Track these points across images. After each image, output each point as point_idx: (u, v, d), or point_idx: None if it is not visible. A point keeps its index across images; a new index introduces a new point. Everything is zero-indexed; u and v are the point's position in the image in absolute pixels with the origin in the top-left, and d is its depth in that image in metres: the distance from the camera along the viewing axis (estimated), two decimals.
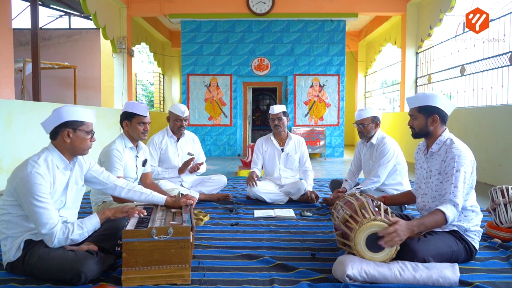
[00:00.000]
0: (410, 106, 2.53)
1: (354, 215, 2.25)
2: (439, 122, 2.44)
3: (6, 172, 4.92)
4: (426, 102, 2.44)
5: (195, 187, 4.31)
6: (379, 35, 11.39)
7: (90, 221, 2.24)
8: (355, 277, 2.06)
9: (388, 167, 3.61)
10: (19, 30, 11.14)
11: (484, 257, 2.50)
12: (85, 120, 2.27)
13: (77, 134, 2.24)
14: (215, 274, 2.25)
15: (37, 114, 5.53)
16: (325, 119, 9.65)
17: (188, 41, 9.55)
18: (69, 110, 2.24)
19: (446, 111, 2.45)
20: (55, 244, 2.11)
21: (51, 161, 2.21)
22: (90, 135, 2.30)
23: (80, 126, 2.25)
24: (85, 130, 2.27)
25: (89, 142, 2.30)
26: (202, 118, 9.72)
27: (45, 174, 2.13)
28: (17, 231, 2.17)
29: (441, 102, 2.42)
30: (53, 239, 2.09)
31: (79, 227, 2.18)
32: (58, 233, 2.10)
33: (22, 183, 2.07)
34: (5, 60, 5.39)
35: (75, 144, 2.25)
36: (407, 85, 9.26)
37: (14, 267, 2.19)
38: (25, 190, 2.06)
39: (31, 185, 2.06)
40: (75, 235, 2.15)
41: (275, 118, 4.25)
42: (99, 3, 8.04)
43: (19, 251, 2.16)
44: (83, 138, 2.26)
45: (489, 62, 6.20)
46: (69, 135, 2.23)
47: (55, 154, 2.24)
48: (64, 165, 2.27)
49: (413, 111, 2.52)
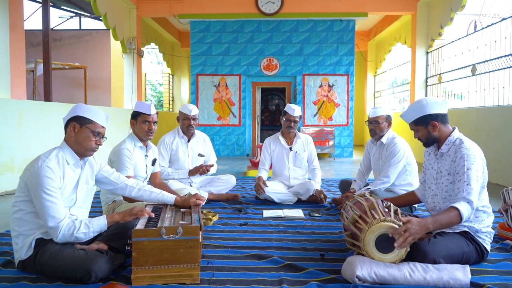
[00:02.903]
0: (406, 122, 2.53)
1: (364, 215, 2.24)
2: (440, 126, 2.43)
3: (18, 171, 4.99)
4: (418, 114, 2.43)
5: (204, 187, 4.32)
6: (389, 35, 11.31)
7: (98, 222, 2.26)
8: (365, 278, 2.04)
9: (398, 168, 3.58)
10: (31, 31, 11.27)
11: (496, 259, 2.46)
12: (94, 119, 2.30)
13: (82, 130, 2.27)
14: (224, 274, 2.25)
15: (48, 114, 5.60)
16: (334, 119, 9.61)
17: (197, 41, 9.58)
18: (83, 107, 2.30)
19: (441, 112, 2.42)
20: (59, 239, 2.13)
21: (62, 157, 2.24)
22: (96, 136, 2.30)
23: (87, 124, 2.28)
24: (91, 129, 2.28)
25: (93, 143, 2.29)
26: (211, 118, 9.75)
27: (55, 168, 2.16)
28: (28, 228, 2.20)
29: (431, 107, 2.40)
30: (58, 233, 2.11)
31: (86, 226, 2.20)
32: (64, 228, 2.12)
33: (32, 176, 2.12)
34: (17, 61, 5.46)
35: (78, 140, 2.27)
36: (417, 85, 9.18)
37: (26, 265, 2.22)
38: (35, 183, 2.10)
39: (41, 178, 2.10)
40: (81, 233, 2.17)
41: (292, 120, 4.22)
42: (109, 4, 8.11)
43: (30, 249, 2.18)
44: (87, 136, 2.27)
45: (501, 62, 6.11)
46: (75, 129, 2.27)
47: (66, 151, 2.28)
48: (75, 161, 2.30)
49: (411, 126, 2.52)
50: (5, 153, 4.88)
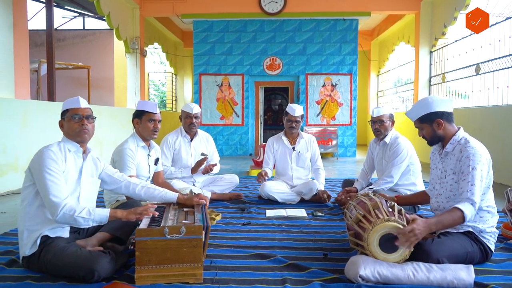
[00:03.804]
0: (411, 119, 2.52)
1: (368, 215, 2.23)
2: (445, 124, 2.41)
3: (22, 171, 5.00)
4: (423, 111, 2.42)
5: (207, 187, 4.33)
6: (392, 34, 11.28)
7: (100, 213, 2.24)
8: (368, 278, 2.04)
9: (401, 167, 3.57)
10: (34, 31, 11.31)
11: (500, 259, 2.45)
12: (69, 107, 2.37)
13: (65, 121, 2.37)
14: (227, 273, 2.25)
15: (52, 114, 5.61)
16: (337, 118, 9.60)
17: (200, 41, 9.59)
18: (63, 103, 2.41)
19: (447, 110, 2.41)
20: (59, 217, 2.12)
21: (63, 146, 2.34)
22: (76, 119, 2.34)
23: (66, 114, 2.37)
24: (69, 115, 2.35)
25: (76, 125, 2.33)
26: (214, 117, 9.75)
27: (57, 152, 2.26)
28: (35, 223, 2.21)
29: (437, 105, 2.39)
30: (58, 211, 2.11)
31: (88, 212, 2.19)
32: (67, 208, 2.13)
33: (35, 160, 2.21)
34: (21, 61, 5.48)
35: (67, 131, 2.37)
36: (421, 84, 9.16)
37: (30, 263, 2.23)
38: (37, 166, 2.18)
39: (43, 159, 2.19)
40: (81, 217, 2.15)
41: (293, 120, 4.21)
42: (113, 4, 8.13)
43: (35, 246, 2.19)
44: (69, 124, 2.35)
45: (505, 61, 6.09)
46: (62, 125, 2.39)
47: (66, 140, 2.37)
48: (76, 148, 2.37)
49: (416, 123, 2.50)
50: (9, 152, 4.90)
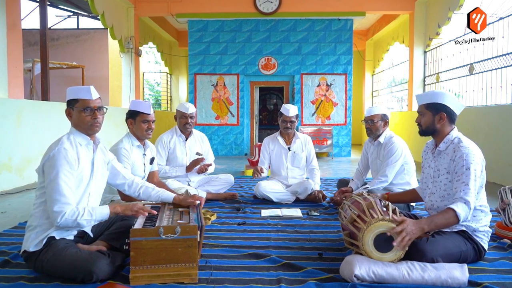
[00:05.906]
0: (418, 102, 2.53)
1: (362, 215, 2.24)
2: (446, 121, 2.43)
3: (16, 171, 4.98)
4: (435, 99, 2.43)
5: (202, 186, 4.32)
6: (386, 34, 11.32)
7: (101, 211, 2.25)
8: (363, 277, 2.05)
9: (396, 167, 3.58)
10: (28, 31, 11.24)
11: (493, 258, 2.47)
12: (79, 97, 2.30)
13: (74, 112, 2.32)
14: (222, 273, 2.25)
15: (46, 114, 5.58)
16: (332, 118, 9.62)
17: (195, 41, 9.57)
18: (69, 90, 2.35)
19: (455, 110, 2.43)
20: (61, 223, 2.11)
21: (74, 139, 2.30)
22: (88, 112, 2.29)
23: (76, 104, 2.31)
24: (80, 107, 2.30)
25: (88, 118, 2.29)
26: (209, 117, 9.74)
27: (70, 149, 2.22)
28: (47, 221, 2.20)
29: (450, 101, 2.41)
30: (60, 216, 2.10)
31: (89, 213, 2.19)
32: (68, 213, 2.12)
33: (50, 162, 2.17)
34: (15, 60, 5.44)
35: (77, 122, 2.32)
36: (415, 84, 9.20)
37: (28, 259, 2.21)
38: (52, 170, 2.15)
39: (58, 161, 2.15)
40: (83, 220, 2.16)
41: (287, 121, 4.22)
42: (107, 3, 8.09)
43: (40, 244, 2.17)
44: (79, 116, 2.30)
45: (499, 61, 6.13)
46: (70, 114, 2.34)
47: (76, 133, 2.33)
48: (86, 142, 2.34)
49: (421, 108, 2.51)
50: (2, 152, 4.87)
